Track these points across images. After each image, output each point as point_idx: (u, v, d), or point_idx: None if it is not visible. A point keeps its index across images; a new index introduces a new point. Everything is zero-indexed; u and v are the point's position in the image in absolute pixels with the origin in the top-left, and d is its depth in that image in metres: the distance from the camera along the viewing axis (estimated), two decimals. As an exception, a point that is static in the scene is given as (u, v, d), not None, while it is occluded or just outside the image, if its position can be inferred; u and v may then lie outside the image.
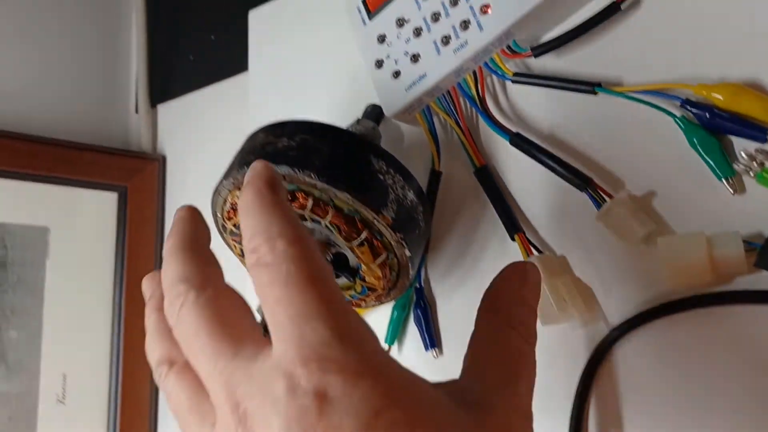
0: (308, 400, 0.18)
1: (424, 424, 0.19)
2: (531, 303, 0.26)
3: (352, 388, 0.18)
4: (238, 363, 0.20)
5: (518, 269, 0.27)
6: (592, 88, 0.34)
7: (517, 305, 0.26)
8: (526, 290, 0.26)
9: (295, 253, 0.21)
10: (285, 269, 0.20)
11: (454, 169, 0.41)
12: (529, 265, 0.27)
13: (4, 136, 0.56)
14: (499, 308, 0.26)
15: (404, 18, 0.40)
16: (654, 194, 0.34)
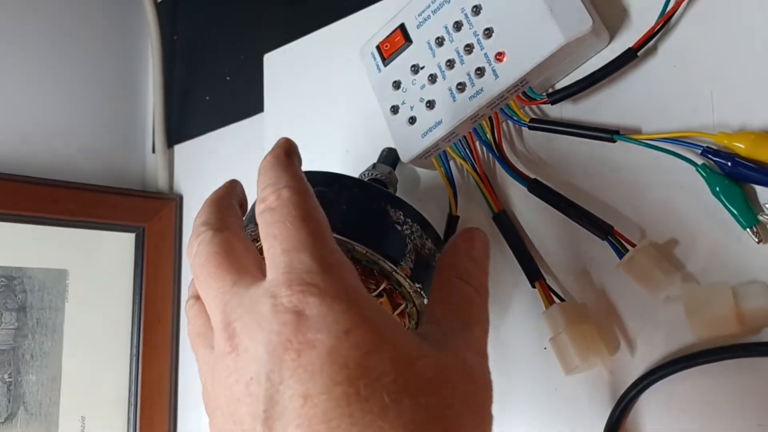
0: (288, 316, 0.21)
1: (388, 346, 0.21)
2: (481, 260, 0.29)
3: (328, 309, 0.21)
4: (236, 290, 0.23)
5: (468, 234, 0.30)
6: (610, 135, 0.34)
7: (467, 261, 0.28)
8: (476, 250, 0.29)
9: (296, 199, 0.24)
10: (285, 211, 0.23)
11: (471, 213, 0.41)
12: (476, 230, 0.30)
13: (21, 180, 0.56)
14: (451, 265, 0.28)
15: (419, 64, 0.40)
16: (676, 242, 0.33)
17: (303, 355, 0.20)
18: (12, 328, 0.54)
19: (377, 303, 0.23)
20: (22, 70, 0.61)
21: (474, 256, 0.29)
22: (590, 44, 0.36)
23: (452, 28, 0.39)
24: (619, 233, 0.34)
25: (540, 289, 0.36)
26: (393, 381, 0.21)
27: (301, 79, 0.52)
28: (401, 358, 0.21)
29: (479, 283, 0.28)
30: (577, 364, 0.33)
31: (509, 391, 0.38)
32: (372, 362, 0.21)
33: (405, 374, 0.21)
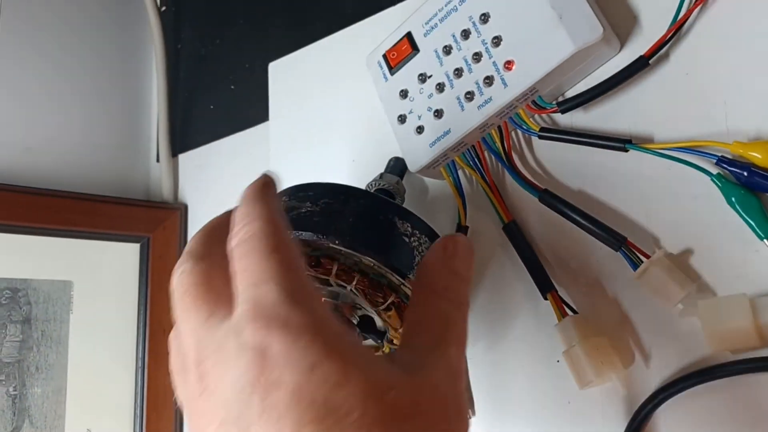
0: (252, 355, 0.20)
1: (356, 378, 0.20)
2: (460, 271, 0.27)
3: (293, 344, 0.20)
4: (210, 324, 0.22)
5: (448, 241, 0.28)
6: (623, 145, 0.34)
7: (445, 274, 0.27)
8: (455, 260, 0.27)
9: (266, 230, 0.23)
10: (254, 244, 0.23)
11: (480, 224, 0.40)
12: (459, 236, 0.28)
13: (25, 191, 0.56)
14: (426, 278, 0.27)
15: (426, 73, 0.40)
16: (691, 253, 0.32)
17: (269, 397, 0.20)
18: (17, 340, 0.54)
19: (348, 332, 0.22)
20: (24, 79, 0.61)
21: (453, 267, 0.27)
22: (601, 52, 0.35)
23: (460, 36, 0.38)
24: (633, 244, 0.33)
25: (552, 301, 0.35)
26: (362, 415, 0.20)
27: (307, 88, 0.52)
28: (370, 390, 0.21)
29: (458, 296, 0.26)
30: (592, 378, 0.32)
31: (521, 405, 0.37)
32: (340, 397, 0.20)
33: (374, 407, 0.20)
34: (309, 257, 0.32)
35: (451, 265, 0.27)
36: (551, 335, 0.36)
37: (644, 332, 0.33)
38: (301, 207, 0.33)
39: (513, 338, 0.38)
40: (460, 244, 0.28)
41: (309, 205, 0.33)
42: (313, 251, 0.33)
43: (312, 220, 0.32)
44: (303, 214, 0.33)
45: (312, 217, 0.32)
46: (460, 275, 0.27)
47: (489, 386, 0.39)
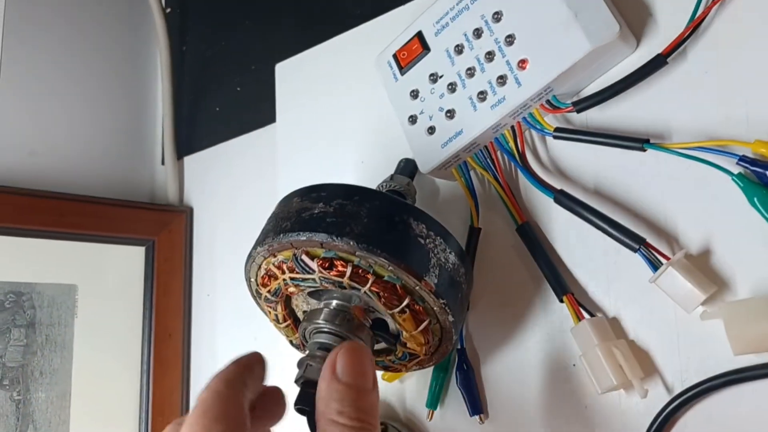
0: None
1: None
2: (356, 384, 0.27)
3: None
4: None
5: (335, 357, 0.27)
6: (641, 144, 0.33)
7: (337, 397, 0.26)
8: (347, 375, 0.27)
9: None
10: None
11: (493, 225, 0.39)
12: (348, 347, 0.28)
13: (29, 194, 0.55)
14: (321, 409, 0.26)
15: (437, 73, 0.39)
16: (712, 254, 0.32)
17: None
18: (21, 344, 0.53)
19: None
20: (29, 82, 0.61)
21: (349, 383, 0.27)
22: (617, 50, 0.35)
23: (472, 35, 0.38)
24: (652, 245, 0.32)
25: (568, 304, 0.35)
26: None
27: (315, 89, 0.51)
28: None
29: (360, 415, 0.26)
30: (612, 382, 0.32)
31: (536, 409, 0.37)
32: None
33: None
34: (322, 259, 0.32)
35: (346, 382, 0.27)
36: (567, 338, 0.36)
37: (664, 336, 0.33)
38: (314, 207, 0.33)
39: (527, 341, 0.37)
40: (350, 353, 0.27)
41: (322, 206, 0.32)
42: (326, 253, 0.32)
43: (325, 221, 0.32)
44: (316, 215, 0.32)
45: (325, 218, 0.32)
46: (358, 388, 0.26)
47: (503, 390, 0.38)
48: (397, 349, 0.36)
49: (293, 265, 0.32)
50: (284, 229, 0.32)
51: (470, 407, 0.38)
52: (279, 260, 0.33)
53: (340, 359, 0.27)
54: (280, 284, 0.34)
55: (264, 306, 0.37)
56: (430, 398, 0.40)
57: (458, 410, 0.39)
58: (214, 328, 0.59)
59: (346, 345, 0.28)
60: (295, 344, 0.39)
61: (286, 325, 0.37)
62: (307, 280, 0.32)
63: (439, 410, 0.40)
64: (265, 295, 0.36)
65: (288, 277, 0.33)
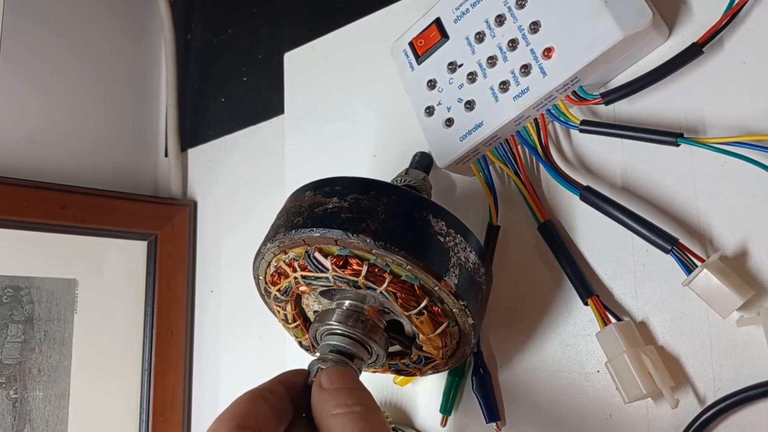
0: None
1: None
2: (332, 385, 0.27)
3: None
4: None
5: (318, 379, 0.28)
6: (674, 139, 0.31)
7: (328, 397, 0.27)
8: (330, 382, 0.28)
9: None
10: None
11: (513, 223, 0.38)
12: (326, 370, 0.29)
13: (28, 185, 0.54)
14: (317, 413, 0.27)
15: (456, 62, 0.37)
16: (749, 256, 0.30)
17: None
18: (18, 341, 0.52)
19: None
20: (29, 70, 0.59)
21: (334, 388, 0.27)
22: (649, 39, 0.33)
23: (494, 22, 0.36)
24: (685, 246, 0.30)
25: (593, 307, 0.33)
26: None
27: (325, 80, 0.49)
28: None
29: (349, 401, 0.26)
30: (640, 391, 0.30)
31: (557, 418, 0.35)
32: None
33: None
34: (336, 257, 0.30)
35: (326, 388, 0.27)
36: (591, 344, 0.34)
37: (697, 342, 0.31)
38: (327, 202, 0.31)
39: (548, 346, 0.35)
40: (320, 373, 0.28)
41: (336, 201, 0.31)
42: (340, 250, 0.30)
43: (340, 216, 0.30)
44: (330, 210, 0.30)
45: (340, 214, 0.30)
46: (341, 388, 0.27)
47: (521, 396, 0.36)
48: (413, 353, 0.34)
49: (305, 262, 0.31)
50: (296, 225, 0.31)
51: (486, 413, 0.37)
52: (290, 257, 0.31)
53: (322, 378, 0.28)
54: (291, 283, 0.32)
55: (273, 305, 0.35)
56: (444, 403, 0.38)
57: (473, 416, 0.37)
58: (217, 326, 0.57)
59: (324, 369, 0.29)
60: (304, 346, 0.37)
61: (295, 325, 0.36)
62: (320, 278, 0.31)
63: (454, 416, 0.38)
64: (274, 293, 0.34)
65: (299, 276, 0.31)
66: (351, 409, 0.26)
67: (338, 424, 0.25)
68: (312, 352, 0.36)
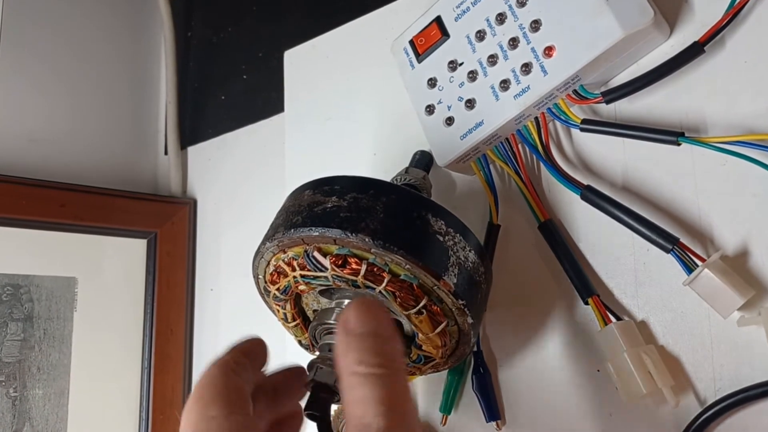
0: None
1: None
2: (371, 332, 0.25)
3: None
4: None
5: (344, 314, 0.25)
6: (675, 138, 0.31)
7: (350, 345, 0.24)
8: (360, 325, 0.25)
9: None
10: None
11: (513, 222, 0.37)
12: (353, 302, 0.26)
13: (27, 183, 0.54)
14: (338, 361, 0.24)
15: (457, 60, 0.37)
16: (749, 255, 0.30)
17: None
18: (18, 339, 0.51)
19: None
20: (29, 69, 0.59)
21: (363, 332, 0.25)
22: (650, 38, 0.33)
23: (495, 20, 0.36)
24: (686, 246, 0.30)
25: (594, 306, 0.33)
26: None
27: (325, 78, 0.49)
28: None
29: (381, 361, 0.24)
30: (641, 390, 0.30)
31: (557, 417, 0.35)
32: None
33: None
34: (335, 256, 0.30)
35: (359, 332, 0.25)
36: (591, 343, 0.34)
37: (698, 342, 0.31)
38: (326, 201, 0.31)
39: (548, 345, 0.35)
40: (357, 307, 0.25)
41: (335, 200, 0.30)
42: (339, 249, 0.30)
43: (339, 215, 0.30)
44: (329, 210, 0.30)
45: (339, 213, 0.30)
46: (376, 336, 0.25)
47: (521, 395, 0.36)
48: (412, 352, 0.34)
49: (304, 262, 0.31)
50: (295, 224, 0.30)
51: (486, 413, 0.36)
52: (289, 257, 0.31)
53: (350, 314, 0.25)
54: (290, 282, 0.32)
55: (272, 304, 0.35)
56: (444, 403, 0.38)
57: (474, 416, 0.37)
58: (217, 325, 0.57)
59: (355, 300, 0.26)
60: (304, 344, 0.37)
61: (294, 324, 0.35)
62: (319, 278, 0.31)
63: (454, 415, 0.38)
64: (273, 292, 0.34)
65: (298, 275, 0.31)
66: (373, 370, 0.23)
67: (356, 390, 0.23)
68: (311, 350, 0.36)
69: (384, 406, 0.22)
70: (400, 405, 0.23)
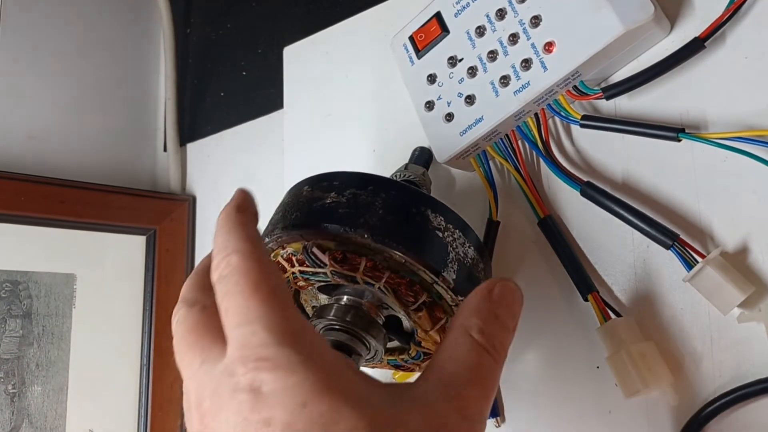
0: (244, 395, 0.21)
1: (349, 414, 0.20)
2: (503, 319, 0.26)
3: (282, 383, 0.20)
4: (205, 368, 0.23)
5: (494, 284, 0.26)
6: (675, 134, 0.31)
7: (485, 318, 0.25)
8: (500, 306, 0.26)
9: (244, 266, 0.23)
10: (234, 281, 0.23)
11: (513, 218, 0.37)
12: (507, 282, 0.27)
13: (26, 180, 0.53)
14: (464, 318, 0.25)
15: (457, 56, 0.37)
16: (749, 252, 0.30)
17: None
18: (16, 335, 0.51)
19: (343, 364, 0.22)
20: (28, 63, 0.59)
21: (497, 312, 0.26)
22: (650, 34, 0.33)
23: (495, 16, 0.36)
24: (686, 242, 0.30)
25: (593, 303, 0.33)
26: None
27: (324, 74, 0.49)
28: (363, 426, 0.20)
29: (495, 343, 0.25)
30: (639, 387, 0.30)
31: (556, 414, 0.35)
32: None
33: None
34: (334, 252, 0.30)
35: (495, 310, 0.26)
36: (591, 339, 0.34)
37: (697, 338, 0.31)
38: (326, 197, 0.31)
39: (548, 342, 0.35)
40: (508, 289, 0.26)
41: (334, 196, 0.30)
42: (338, 245, 0.30)
43: (338, 211, 0.30)
44: (328, 206, 0.30)
45: (338, 209, 0.30)
46: (503, 323, 0.26)
47: (522, 393, 0.36)
48: (411, 348, 0.34)
49: (303, 258, 0.30)
50: (294, 220, 0.30)
51: (486, 409, 0.36)
52: (288, 253, 0.31)
53: (498, 288, 0.26)
54: (289, 278, 0.32)
55: (271, 300, 0.35)
56: None
57: (473, 412, 0.37)
58: (216, 321, 0.57)
59: (505, 280, 0.27)
60: (302, 341, 0.37)
61: (293, 320, 0.35)
62: (318, 274, 0.30)
63: (453, 412, 0.38)
64: (272, 288, 0.34)
65: (297, 271, 0.31)
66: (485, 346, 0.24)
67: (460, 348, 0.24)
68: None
69: (478, 378, 0.23)
70: (490, 388, 0.24)
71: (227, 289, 0.23)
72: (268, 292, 0.22)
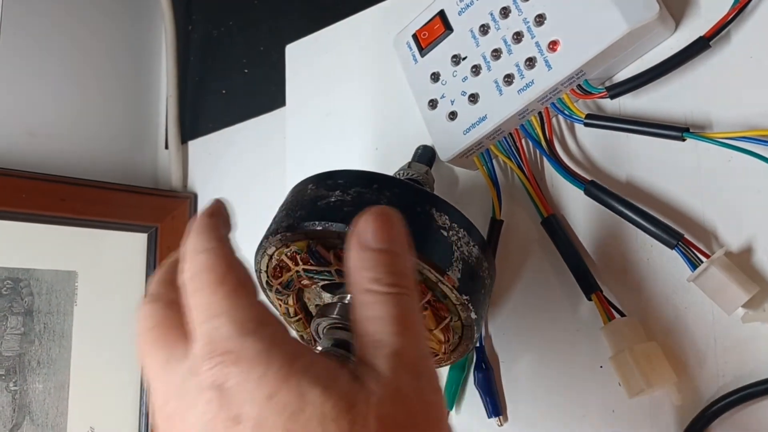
0: (211, 393, 0.20)
1: (314, 400, 0.20)
2: (379, 246, 0.24)
3: (247, 376, 0.20)
4: (169, 368, 0.22)
5: (356, 228, 0.24)
6: (680, 133, 0.31)
7: (363, 260, 0.24)
8: (366, 236, 0.24)
9: (211, 262, 0.23)
10: (201, 277, 0.22)
11: (516, 217, 0.37)
12: (366, 216, 0.24)
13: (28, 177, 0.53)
14: (350, 276, 0.24)
15: (460, 55, 0.37)
16: (755, 252, 0.30)
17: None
18: (18, 333, 0.51)
19: (304, 351, 0.21)
20: (29, 60, 0.58)
21: (369, 245, 0.24)
22: (655, 33, 0.33)
23: (499, 14, 0.36)
24: (690, 242, 0.30)
25: (597, 303, 0.33)
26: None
27: (327, 71, 0.49)
28: (330, 411, 0.20)
29: (394, 280, 0.23)
30: (643, 387, 0.30)
31: (559, 413, 0.35)
32: (300, 425, 0.20)
33: (336, 428, 0.20)
34: (339, 250, 0.30)
35: (372, 249, 0.24)
36: (595, 339, 0.34)
37: (701, 338, 0.31)
38: (330, 196, 0.31)
39: (551, 341, 0.35)
40: (370, 221, 0.24)
41: (339, 194, 0.30)
42: (342, 244, 0.30)
43: (342, 210, 0.30)
44: (332, 204, 0.30)
45: (342, 207, 0.30)
46: (387, 255, 0.24)
47: (524, 391, 0.36)
48: (414, 347, 0.34)
49: (307, 256, 0.30)
50: (298, 218, 0.30)
51: (489, 408, 0.36)
52: (292, 251, 0.31)
53: (366, 226, 0.24)
54: (293, 276, 0.32)
55: (274, 299, 0.35)
56: (446, 398, 0.38)
57: (475, 411, 0.37)
58: (218, 319, 0.57)
59: (371, 209, 0.25)
60: (306, 340, 0.37)
61: (297, 319, 0.35)
62: (322, 272, 0.30)
63: (455, 411, 0.38)
64: (276, 287, 0.34)
65: (301, 269, 0.31)
66: (388, 290, 0.23)
67: (369, 307, 0.23)
68: (314, 345, 0.36)
69: (398, 326, 0.22)
70: (413, 324, 0.23)
71: (195, 286, 0.23)
72: (234, 286, 0.22)
